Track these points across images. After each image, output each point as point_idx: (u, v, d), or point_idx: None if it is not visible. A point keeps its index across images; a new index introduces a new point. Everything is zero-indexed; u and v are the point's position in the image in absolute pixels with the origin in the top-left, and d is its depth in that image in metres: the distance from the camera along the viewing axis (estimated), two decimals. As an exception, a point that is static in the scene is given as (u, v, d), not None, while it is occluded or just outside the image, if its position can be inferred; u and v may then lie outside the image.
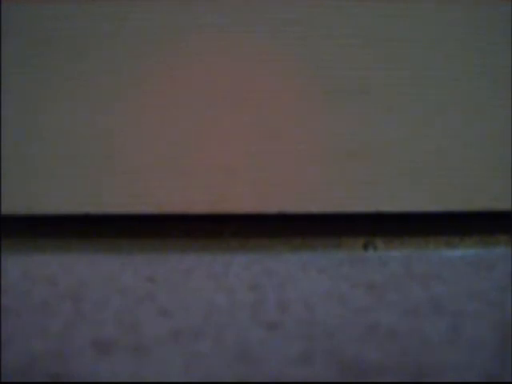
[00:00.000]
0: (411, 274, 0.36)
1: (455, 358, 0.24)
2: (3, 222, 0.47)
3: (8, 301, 0.31)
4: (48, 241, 0.48)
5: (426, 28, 0.47)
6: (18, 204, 0.47)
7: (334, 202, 0.48)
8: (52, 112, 0.46)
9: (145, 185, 0.47)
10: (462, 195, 0.48)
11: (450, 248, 0.49)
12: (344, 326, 0.27)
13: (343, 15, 0.48)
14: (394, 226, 0.49)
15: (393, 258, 0.42)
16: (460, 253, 0.47)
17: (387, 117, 0.48)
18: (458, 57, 0.48)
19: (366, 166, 0.48)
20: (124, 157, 0.47)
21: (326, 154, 0.48)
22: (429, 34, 0.47)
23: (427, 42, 0.47)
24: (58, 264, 0.38)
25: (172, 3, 0.47)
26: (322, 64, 0.48)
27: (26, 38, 0.46)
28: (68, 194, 0.47)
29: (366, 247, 0.49)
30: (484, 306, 0.30)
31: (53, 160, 0.47)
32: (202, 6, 0.47)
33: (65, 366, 0.23)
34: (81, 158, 0.47)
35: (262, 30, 0.47)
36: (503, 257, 0.41)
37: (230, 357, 0.24)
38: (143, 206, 0.47)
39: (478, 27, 0.47)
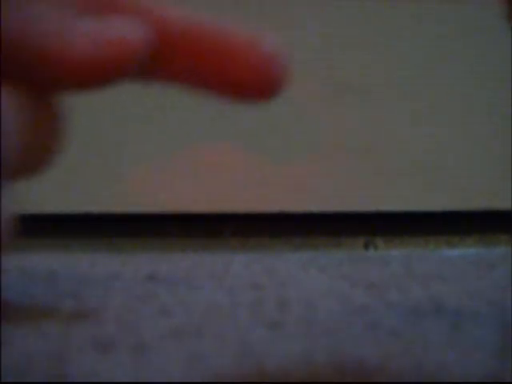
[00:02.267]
0: (411, 274, 0.36)
1: (455, 358, 0.24)
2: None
3: (7, 300, 0.31)
4: (48, 240, 0.48)
5: (426, 28, 0.47)
6: (18, 204, 0.47)
7: (335, 201, 0.48)
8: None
9: (145, 184, 0.47)
10: (462, 195, 0.48)
11: (451, 247, 0.49)
12: (344, 325, 0.27)
13: (343, 15, 0.48)
14: (395, 225, 0.49)
15: (393, 257, 0.42)
16: (460, 252, 0.47)
17: (387, 116, 0.48)
18: (458, 57, 0.48)
19: (367, 165, 0.48)
20: (124, 156, 0.47)
21: (326, 154, 0.48)
22: (429, 33, 0.47)
23: (427, 42, 0.47)
24: (58, 263, 0.38)
25: (171, 3, 0.47)
26: (323, 64, 0.48)
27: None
28: (68, 194, 0.47)
29: (366, 246, 0.49)
30: (484, 305, 0.30)
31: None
32: (201, 6, 0.47)
33: (65, 366, 0.23)
34: (81, 157, 0.47)
35: (261, 30, 0.47)
36: (504, 256, 0.41)
37: (230, 356, 0.24)
38: (143, 206, 0.47)
39: (478, 27, 0.48)
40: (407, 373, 0.22)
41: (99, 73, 0.26)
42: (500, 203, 0.47)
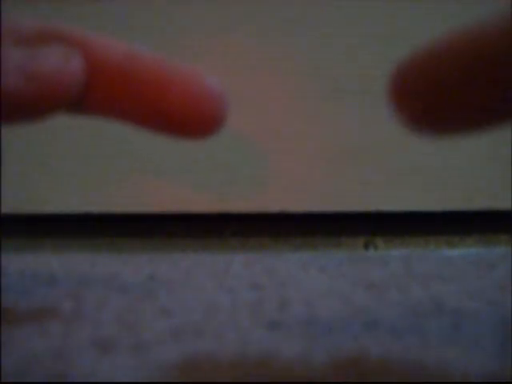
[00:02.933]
0: (411, 274, 0.36)
1: (455, 357, 0.24)
2: (3, 221, 0.47)
3: (7, 300, 0.31)
4: (48, 240, 0.48)
5: (426, 28, 0.47)
6: (17, 204, 0.47)
7: (335, 201, 0.48)
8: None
9: (145, 184, 0.47)
10: (462, 195, 0.48)
11: (451, 247, 0.49)
12: (344, 325, 0.27)
13: (343, 15, 0.48)
14: (395, 225, 0.49)
15: (393, 257, 0.42)
16: (460, 252, 0.47)
17: (387, 117, 0.48)
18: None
19: (366, 165, 0.48)
20: (124, 156, 0.47)
21: (326, 154, 0.48)
22: (429, 33, 0.47)
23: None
24: (58, 263, 0.38)
25: (171, 2, 0.47)
26: (322, 64, 0.48)
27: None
28: (68, 194, 0.47)
29: (366, 246, 0.49)
30: (484, 305, 0.30)
31: (53, 160, 0.47)
32: (201, 6, 0.47)
33: (65, 366, 0.23)
34: (81, 157, 0.47)
35: (261, 30, 0.47)
36: (504, 256, 0.41)
37: (230, 356, 0.24)
38: (143, 206, 0.47)
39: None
40: (407, 372, 0.22)
41: (30, 106, 0.25)
42: (500, 203, 0.47)
